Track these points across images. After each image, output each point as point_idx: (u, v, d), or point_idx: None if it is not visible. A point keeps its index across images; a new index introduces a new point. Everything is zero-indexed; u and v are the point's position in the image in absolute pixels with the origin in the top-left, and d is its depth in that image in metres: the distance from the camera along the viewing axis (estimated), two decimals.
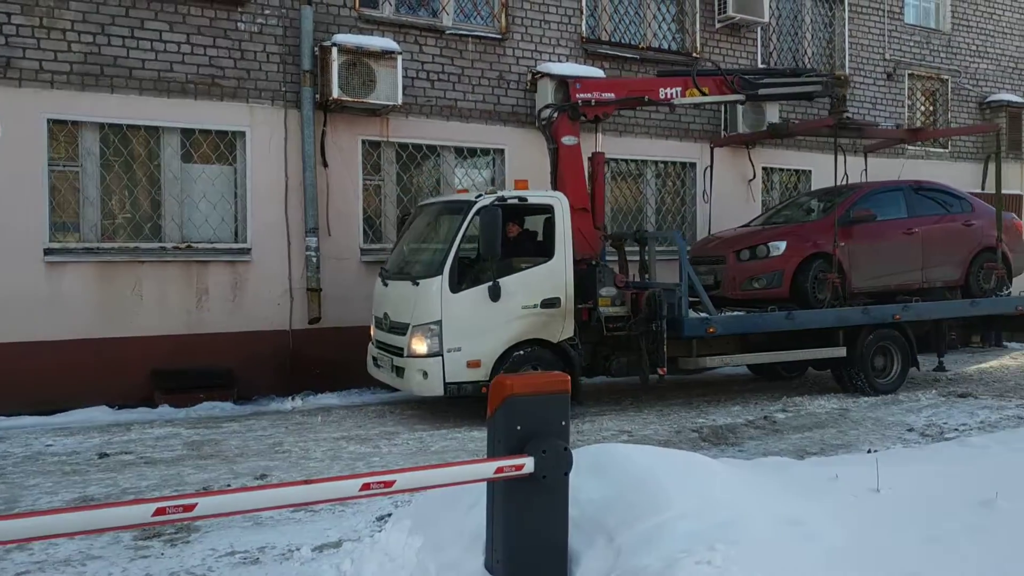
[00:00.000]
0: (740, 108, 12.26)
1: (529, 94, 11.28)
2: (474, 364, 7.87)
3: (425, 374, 7.83)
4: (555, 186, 9.15)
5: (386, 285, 8.67)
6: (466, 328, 7.82)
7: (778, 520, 3.79)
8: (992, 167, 11.06)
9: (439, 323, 7.78)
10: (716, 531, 3.44)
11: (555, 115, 9.38)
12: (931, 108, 15.54)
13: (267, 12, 9.75)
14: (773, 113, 12.68)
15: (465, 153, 11.12)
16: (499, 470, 3.36)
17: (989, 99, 15.78)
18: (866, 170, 11.45)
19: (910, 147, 14.72)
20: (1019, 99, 15.96)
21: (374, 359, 8.85)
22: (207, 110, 9.48)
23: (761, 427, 8.10)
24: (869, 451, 6.46)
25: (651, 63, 12.24)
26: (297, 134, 9.83)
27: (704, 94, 10.01)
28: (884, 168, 12.82)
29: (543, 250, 8.36)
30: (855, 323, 9.55)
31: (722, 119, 12.76)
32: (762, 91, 10.56)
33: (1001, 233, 10.54)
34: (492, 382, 3.58)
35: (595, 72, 11.23)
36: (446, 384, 7.80)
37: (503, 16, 11.14)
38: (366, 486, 3.11)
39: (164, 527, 4.88)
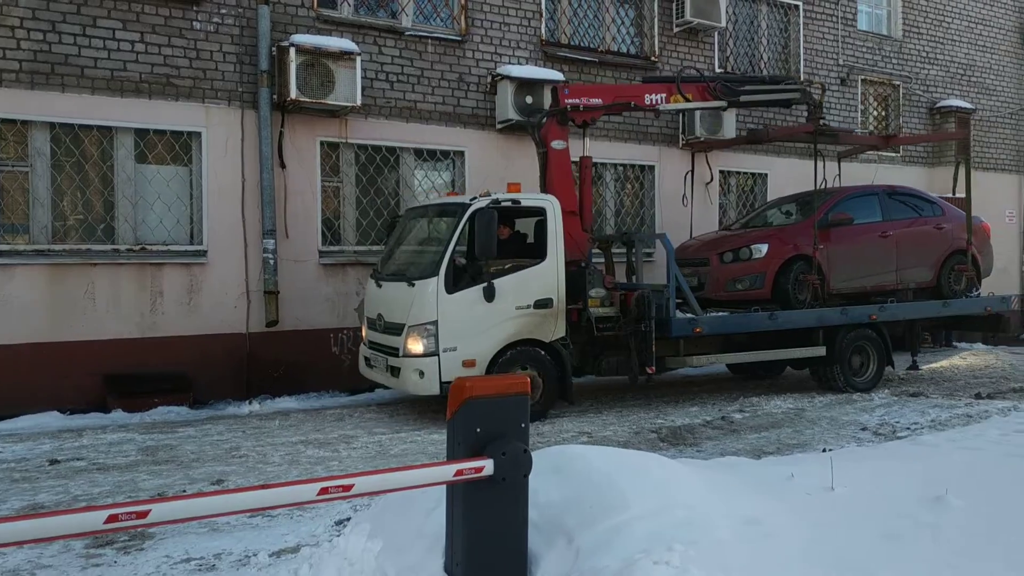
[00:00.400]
0: (697, 115, 12.40)
1: (489, 96, 11.29)
2: (469, 363, 7.99)
3: (421, 373, 7.91)
4: (544, 189, 9.26)
5: (380, 286, 8.74)
6: (461, 328, 7.95)
7: (736, 520, 3.83)
8: (958, 172, 11.34)
9: (435, 323, 7.89)
10: (674, 531, 3.47)
11: (544, 120, 9.49)
12: (883, 113, 15.85)
13: (223, 11, 9.62)
14: (730, 118, 12.83)
15: (425, 155, 11.08)
16: (458, 472, 3.35)
17: (939, 104, 16.13)
18: (839, 175, 11.71)
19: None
20: (968, 105, 16.34)
21: (367, 359, 8.90)
22: (162, 110, 9.34)
23: (719, 427, 8.18)
24: (824, 450, 6.56)
25: (610, 67, 12.33)
26: (254, 135, 9.72)
27: (688, 100, 10.18)
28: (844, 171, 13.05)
29: (534, 252, 8.52)
30: (834, 323, 9.81)
31: (680, 123, 12.87)
32: (743, 98, 10.72)
33: (971, 236, 10.90)
34: (452, 384, 3.57)
35: (555, 75, 11.29)
36: (442, 383, 7.87)
37: (463, 18, 11.13)
38: (324, 490, 3.08)
39: (117, 535, 4.79)
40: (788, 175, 14.00)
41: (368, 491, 3.30)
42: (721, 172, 13.51)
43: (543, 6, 11.76)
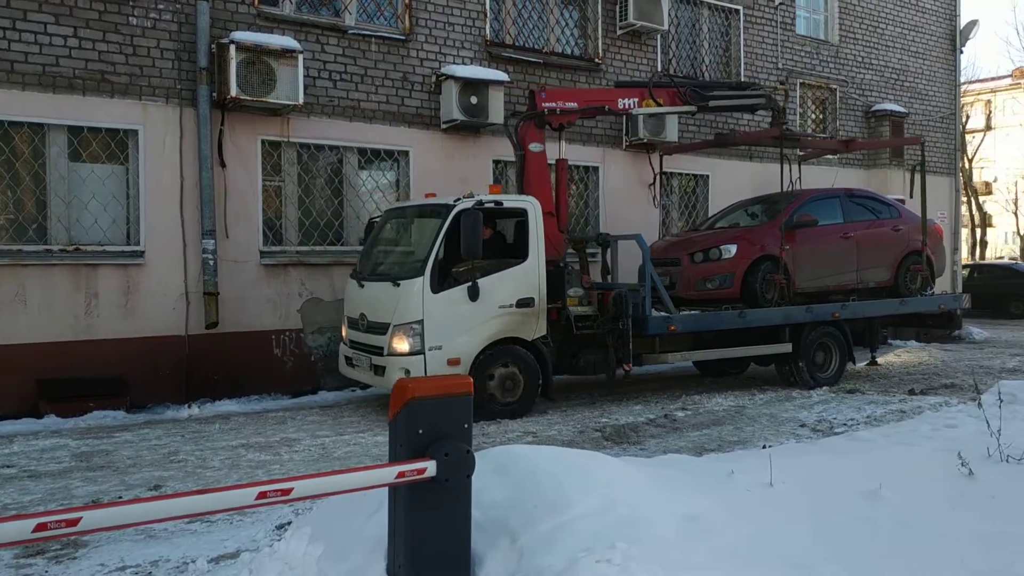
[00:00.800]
0: (641, 117, 12.50)
1: (434, 96, 11.24)
2: (454, 362, 8.12)
3: (407, 372, 7.97)
4: (521, 191, 9.39)
5: (362, 287, 8.82)
6: (446, 327, 8.08)
7: (677, 517, 3.87)
8: (915, 177, 11.88)
9: (421, 322, 8.02)
10: (617, 529, 3.49)
11: (522, 123, 9.65)
12: (821, 116, 16.20)
13: (160, 7, 9.42)
14: (673, 121, 12.98)
15: (369, 154, 10.99)
16: (401, 474, 3.32)
17: (874, 108, 16.55)
18: (800, 178, 12.03)
19: (803, 153, 15.32)
20: (901, 109, 16.79)
21: (347, 359, 8.97)
22: (97, 107, 9.10)
23: (662, 425, 8.27)
24: (764, 447, 6.67)
25: (554, 68, 12.38)
26: (193, 133, 9.53)
27: (659, 105, 10.47)
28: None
29: (514, 252, 8.72)
30: (800, 321, 10.19)
31: (624, 125, 12.99)
32: (712, 103, 11.07)
33: (926, 238, 11.44)
34: (394, 385, 3.54)
35: (500, 75, 11.30)
36: None
37: (407, 17, 11.07)
38: (263, 495, 3.03)
39: (49, 544, 4.64)
40: (730, 177, 14.25)
41: (308, 495, 3.25)
42: (664, 173, 13.64)
43: (487, 6, 11.76)
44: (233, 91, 9.26)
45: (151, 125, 9.37)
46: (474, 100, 10.98)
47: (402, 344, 8.08)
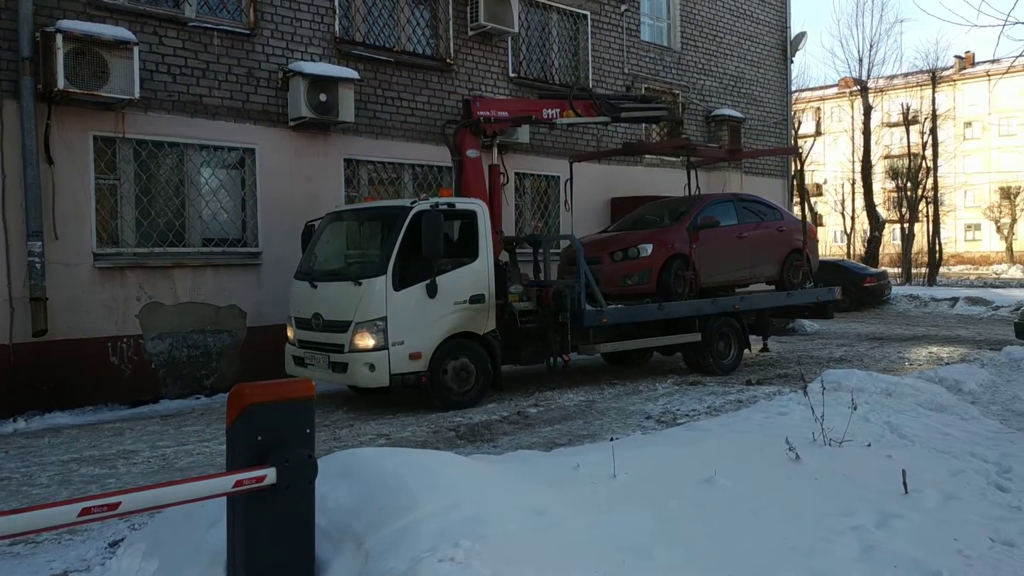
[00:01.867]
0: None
1: (281, 93, 10.95)
2: (415, 356, 8.61)
3: (372, 367, 8.39)
4: (458, 195, 9.85)
5: (315, 287, 9.02)
6: (408, 323, 8.53)
7: (523, 512, 3.93)
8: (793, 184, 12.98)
9: (384, 319, 8.43)
10: (462, 527, 3.51)
11: (459, 130, 10.22)
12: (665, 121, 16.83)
13: None
14: (524, 127, 13.16)
15: (212, 152, 10.58)
16: (239, 483, 3.21)
17: (714, 113, 17.37)
18: (697, 184, 12.73)
19: (648, 156, 15.90)
20: (739, 114, 17.70)
21: (297, 359, 9.20)
22: None
23: (515, 422, 8.38)
24: (612, 439, 6.85)
25: (406, 67, 12.31)
26: (16, 127, 8.89)
27: (578, 115, 11.28)
28: (630, 175, 13.80)
29: (464, 252, 9.22)
30: (707, 313, 11.17)
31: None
32: (624, 115, 11.96)
33: (806, 238, 12.64)
34: (231, 391, 3.42)
35: (350, 73, 11.15)
36: (391, 375, 8.46)
37: (251, 11, 10.72)
38: (87, 511, 2.86)
39: None
40: (580, 178, 14.56)
41: (138, 508, 3.09)
42: (517, 174, 13.84)
43: (336, 3, 11.56)
44: (60, 83, 8.69)
45: None
46: (323, 98, 10.76)
47: (366, 340, 8.43)
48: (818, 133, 52.73)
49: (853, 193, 41.29)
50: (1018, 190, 52.57)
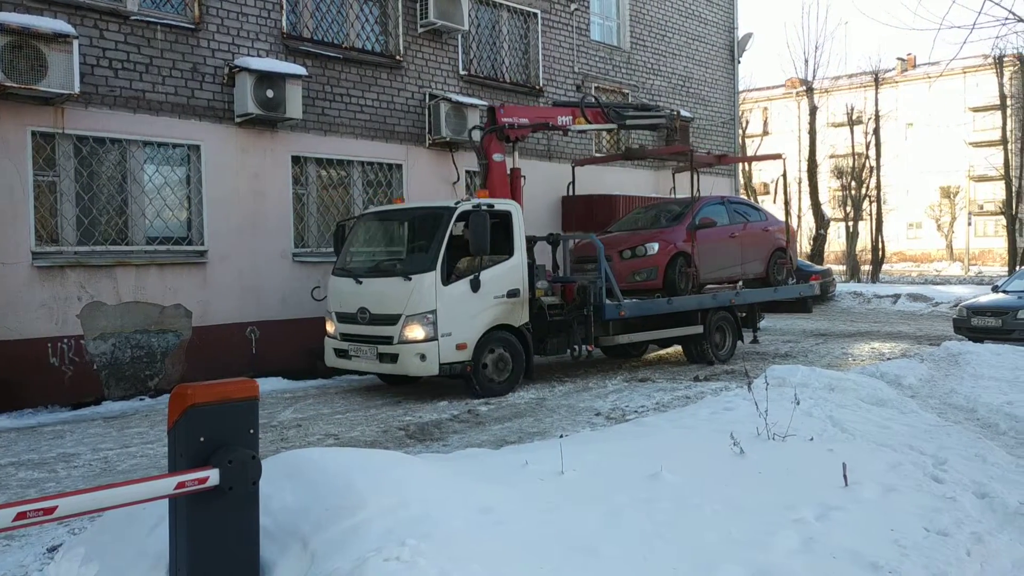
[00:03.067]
0: (443, 116, 12.69)
1: (227, 88, 10.79)
2: (462, 346, 9.22)
3: (423, 357, 8.99)
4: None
5: (359, 283, 9.53)
6: (454, 316, 9.15)
7: (471, 510, 3.94)
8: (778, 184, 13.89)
9: (434, 312, 9.02)
10: (409, 526, 3.50)
11: (485, 136, 10.94)
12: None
13: None
14: (474, 121, 13.17)
15: (156, 148, 10.38)
16: (180, 485, 3.16)
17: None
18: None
19: (598, 154, 16.01)
20: (688, 114, 17.89)
21: (339, 351, 9.73)
22: None
23: (465, 421, 8.38)
24: (561, 436, 6.89)
25: (355, 64, 12.22)
26: None
27: (588, 122, 12.05)
28: (580, 173, 13.88)
29: (501, 249, 9.69)
30: (708, 307, 11.98)
31: (426, 123, 13.03)
32: (629, 122, 12.84)
33: (789, 237, 13.62)
34: (172, 391, 3.37)
35: (297, 69, 11.05)
36: (440, 364, 9.06)
37: (196, 5, 10.54)
38: (22, 515, 2.79)
39: None
40: (529, 176, 14.60)
41: (75, 512, 3.02)
42: (467, 172, 13.83)
43: None
44: None
45: None
46: (270, 94, 10.63)
47: (417, 332, 9.02)
48: (765, 132, 53.64)
49: (799, 192, 42.06)
50: (957, 189, 54.09)
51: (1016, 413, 7.44)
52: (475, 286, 9.30)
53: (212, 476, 3.21)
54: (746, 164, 30.19)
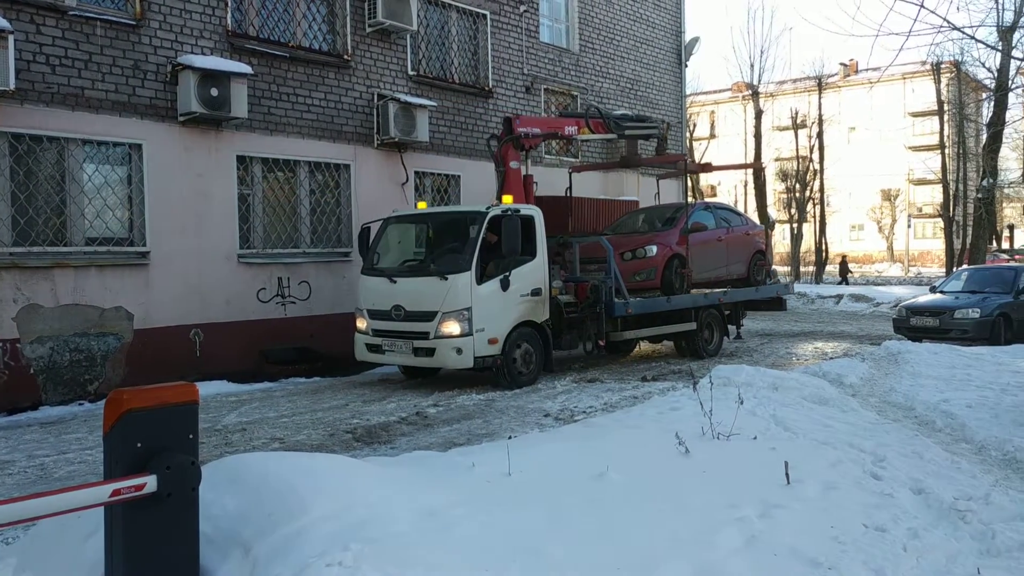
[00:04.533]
0: (391, 116, 12.63)
1: (170, 86, 10.58)
2: (493, 341, 9.92)
3: (459, 351, 9.69)
4: (498, 200, 10.85)
5: (394, 282, 10.19)
6: (487, 313, 9.85)
7: (416, 513, 3.91)
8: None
9: (469, 309, 9.71)
10: (353, 531, 3.47)
11: (502, 144, 11.70)
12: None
13: None
14: (424, 121, 13.11)
15: (96, 147, 10.13)
16: (116, 492, 3.09)
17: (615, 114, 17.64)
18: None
19: (548, 156, 16.08)
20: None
21: (372, 346, 10.37)
22: None
23: (413, 423, 8.33)
24: (510, 437, 6.89)
25: (301, 63, 12.08)
26: None
27: (592, 132, 12.95)
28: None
29: (524, 251, 10.28)
30: (700, 305, 12.89)
31: (375, 123, 12.94)
32: (627, 132, 13.59)
33: (769, 241, 14.64)
34: (108, 396, 3.29)
35: (242, 67, 10.88)
36: (475, 358, 9.74)
37: (137, 1, 10.31)
38: None
39: None
40: (480, 177, 14.64)
41: (5, 522, 2.93)
42: (416, 173, 13.78)
43: None
44: None
45: None
46: (215, 92, 10.45)
47: (453, 328, 9.70)
48: (712, 135, 54.37)
49: (745, 194, 42.71)
50: (898, 192, 55.45)
51: (952, 411, 7.64)
52: (505, 285, 10.04)
53: (149, 483, 3.14)
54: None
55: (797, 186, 35.99)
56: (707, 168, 16.75)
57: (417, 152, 13.60)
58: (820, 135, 35.75)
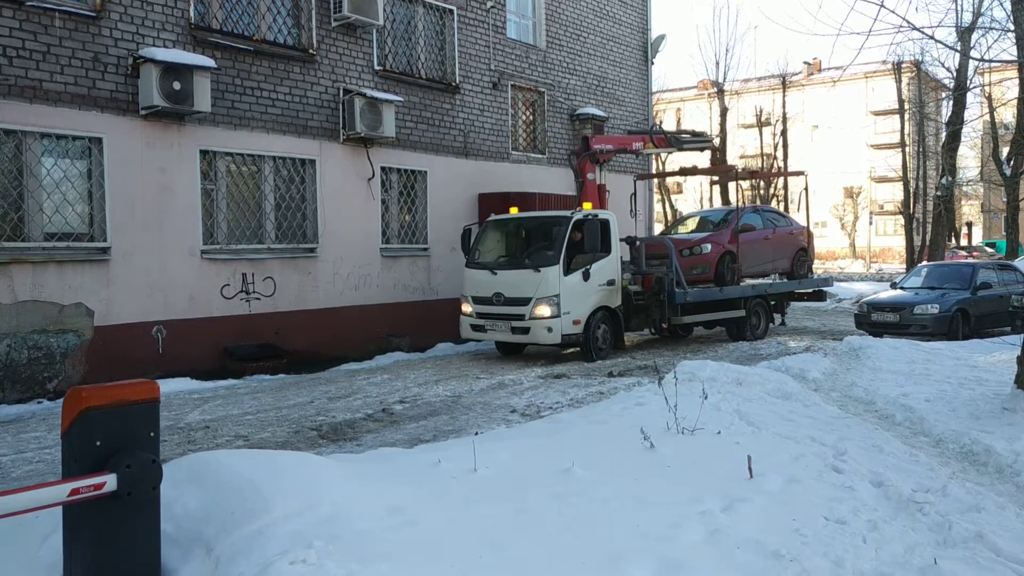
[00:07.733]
0: (357, 111, 12.55)
1: (131, 80, 10.40)
2: (577, 322, 11.91)
3: (550, 329, 11.68)
4: (579, 206, 12.80)
5: (495, 274, 12.23)
6: (571, 299, 11.82)
7: (381, 510, 3.90)
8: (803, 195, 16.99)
9: (558, 295, 11.70)
10: (316, 529, 3.45)
11: (581, 159, 13.88)
12: (531, 117, 17.05)
13: None
14: (390, 117, 13.05)
15: (55, 141, 9.94)
16: (75, 491, 3.05)
17: (578, 112, 17.72)
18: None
19: (515, 152, 16.08)
20: (602, 113, 18.12)
21: (476, 326, 12.36)
22: None
23: (379, 420, 8.29)
24: (477, 433, 6.89)
25: (266, 56, 11.95)
26: None
27: (655, 147, 15.08)
28: (497, 171, 13.88)
29: (601, 248, 12.08)
30: (749, 295, 14.70)
31: (340, 118, 12.85)
32: (685, 146, 15.43)
33: (811, 239, 16.66)
34: (66, 393, 3.24)
35: (206, 61, 10.72)
36: (562, 335, 11.73)
37: None
38: None
39: None
40: (447, 172, 14.63)
41: None
42: (383, 169, 13.70)
43: None
44: None
45: None
46: (177, 86, 10.31)
47: (544, 311, 11.67)
48: None
49: (711, 191, 43.03)
50: (860, 190, 56.24)
51: (911, 404, 7.77)
52: (586, 276, 12.01)
53: (109, 482, 3.11)
54: (659, 164, 30.76)
55: (761, 183, 36.36)
56: (756, 175, 19.78)
57: (383, 147, 13.53)
58: (784, 133, 36.14)
